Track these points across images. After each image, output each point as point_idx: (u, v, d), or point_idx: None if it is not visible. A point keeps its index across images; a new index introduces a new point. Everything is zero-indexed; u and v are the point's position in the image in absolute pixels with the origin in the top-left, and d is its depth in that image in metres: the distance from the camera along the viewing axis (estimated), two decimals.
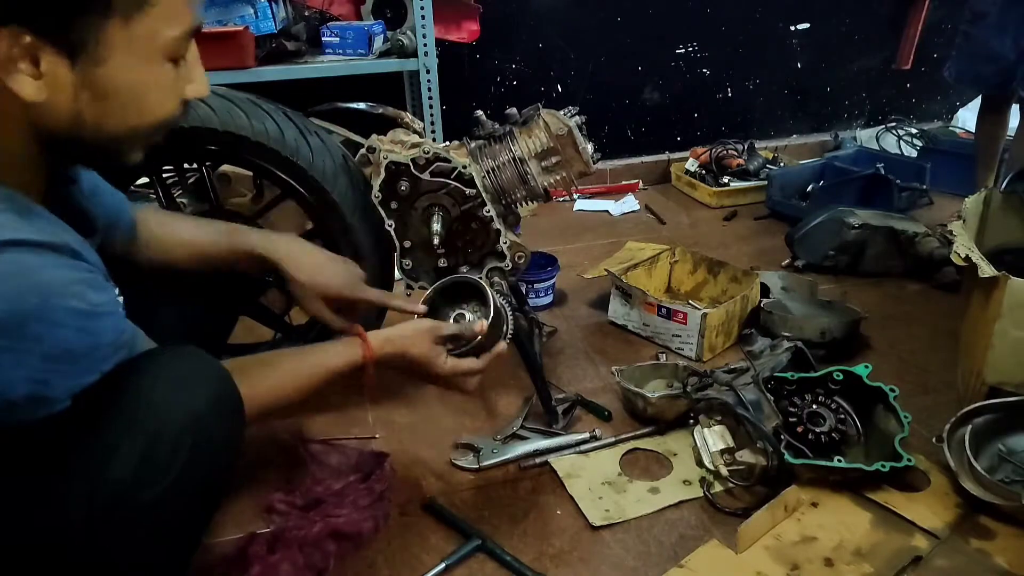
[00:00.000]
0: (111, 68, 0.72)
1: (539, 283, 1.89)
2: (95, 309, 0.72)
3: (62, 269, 0.70)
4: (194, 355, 0.80)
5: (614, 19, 2.68)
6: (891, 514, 1.20)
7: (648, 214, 2.62)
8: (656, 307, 1.71)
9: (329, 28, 2.09)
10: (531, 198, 1.39)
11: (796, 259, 2.14)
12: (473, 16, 2.35)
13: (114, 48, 0.71)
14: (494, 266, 1.38)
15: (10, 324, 0.65)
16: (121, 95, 0.74)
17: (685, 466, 1.33)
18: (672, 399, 1.40)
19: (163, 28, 0.74)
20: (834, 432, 1.28)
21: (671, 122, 2.93)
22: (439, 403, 1.54)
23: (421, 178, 1.31)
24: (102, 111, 0.74)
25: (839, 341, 1.65)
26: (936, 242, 1.99)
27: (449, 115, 2.30)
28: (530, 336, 1.68)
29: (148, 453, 0.73)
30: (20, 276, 0.66)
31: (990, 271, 1.26)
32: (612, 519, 1.21)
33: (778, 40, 2.93)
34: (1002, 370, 1.29)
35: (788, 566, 1.11)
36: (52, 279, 0.68)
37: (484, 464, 1.33)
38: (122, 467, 0.72)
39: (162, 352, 0.79)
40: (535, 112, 1.37)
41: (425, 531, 1.20)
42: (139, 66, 0.74)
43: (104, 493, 0.72)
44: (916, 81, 3.19)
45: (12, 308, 0.65)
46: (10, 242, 0.65)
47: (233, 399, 0.81)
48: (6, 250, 0.65)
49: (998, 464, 1.27)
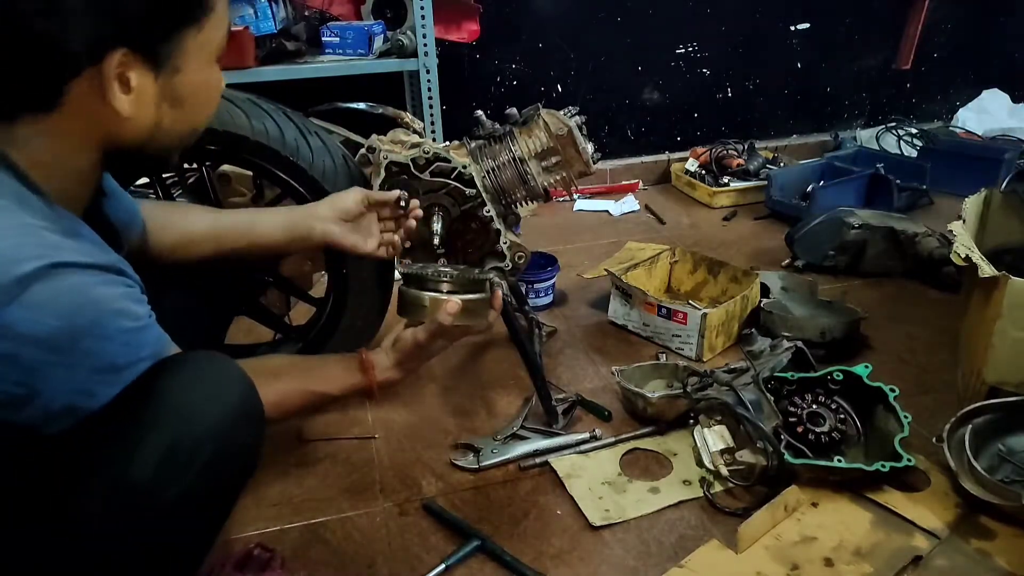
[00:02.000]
0: (186, 75, 0.77)
1: (539, 283, 1.89)
2: (138, 323, 0.75)
3: (110, 287, 0.73)
4: (218, 360, 0.81)
5: (614, 19, 2.68)
6: (891, 514, 1.20)
7: (648, 214, 2.62)
8: (656, 307, 1.71)
9: (329, 28, 2.09)
10: (531, 198, 1.39)
11: (796, 259, 2.13)
12: (473, 16, 2.35)
13: (189, 56, 0.76)
14: (494, 266, 1.38)
15: (64, 340, 0.67)
16: (192, 99, 0.80)
17: (685, 466, 1.33)
18: (672, 399, 1.40)
19: (219, 31, 0.79)
20: (834, 432, 1.28)
21: (671, 122, 2.93)
22: (439, 403, 1.54)
23: (421, 178, 1.31)
24: (177, 117, 0.79)
25: (839, 341, 1.65)
26: (936, 242, 1.99)
27: (449, 115, 2.30)
28: (530, 336, 1.68)
29: (169, 454, 0.73)
30: (74, 295, 0.68)
31: (990, 271, 1.26)
32: (612, 519, 1.21)
33: (778, 40, 2.93)
34: (1002, 370, 1.29)
35: (788, 566, 1.11)
36: (102, 297, 0.71)
37: (484, 464, 1.33)
38: (143, 467, 0.72)
39: (187, 357, 0.80)
40: (535, 112, 1.37)
41: (425, 531, 1.20)
42: (204, 69, 0.80)
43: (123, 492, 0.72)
44: (916, 81, 3.19)
45: (67, 325, 0.67)
46: (64, 264, 0.67)
47: (256, 406, 0.82)
48: (61, 270, 0.67)
49: (998, 464, 1.27)
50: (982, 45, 3.20)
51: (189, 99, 0.79)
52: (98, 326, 0.70)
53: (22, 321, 0.64)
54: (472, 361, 1.70)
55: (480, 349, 1.74)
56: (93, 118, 0.73)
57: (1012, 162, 2.56)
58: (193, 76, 0.78)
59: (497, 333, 1.78)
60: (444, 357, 1.69)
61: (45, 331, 0.66)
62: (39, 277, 0.65)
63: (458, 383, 1.61)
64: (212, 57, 0.81)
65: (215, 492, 0.81)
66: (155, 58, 0.73)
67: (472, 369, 1.66)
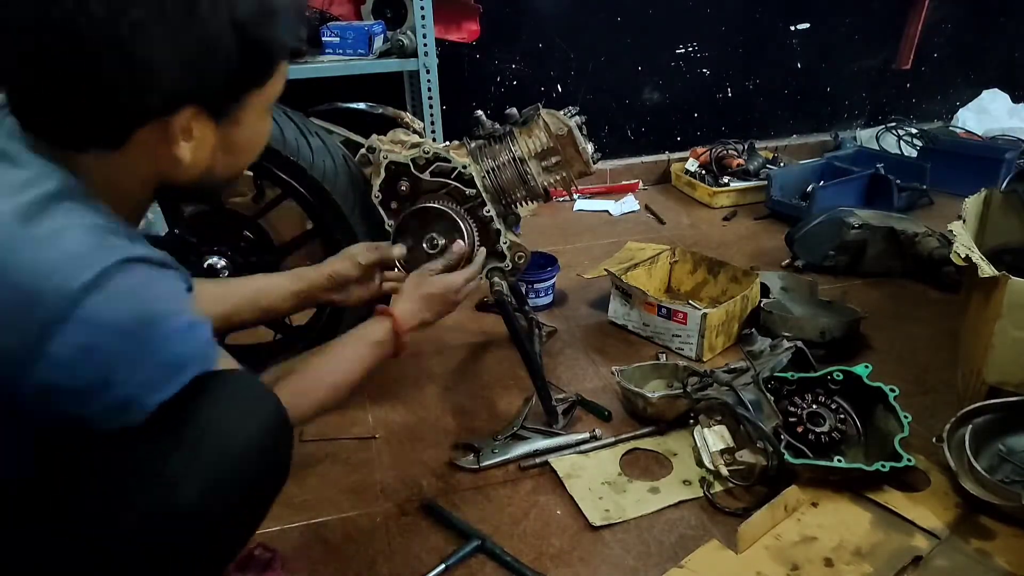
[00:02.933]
0: (244, 127, 0.82)
1: (539, 283, 1.89)
2: (197, 319, 0.77)
3: (174, 282, 0.76)
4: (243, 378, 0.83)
5: (614, 19, 2.68)
6: (891, 514, 1.20)
7: (648, 214, 2.62)
8: (656, 307, 1.71)
9: (329, 28, 2.09)
10: (531, 198, 1.39)
11: (796, 259, 2.13)
12: (473, 16, 2.35)
13: (250, 110, 0.81)
14: (494, 266, 1.38)
15: (139, 330, 0.69)
16: (245, 147, 0.85)
17: (685, 466, 1.33)
18: (672, 399, 1.40)
19: (278, 86, 0.84)
20: (834, 432, 1.28)
21: (671, 122, 2.93)
22: (439, 403, 1.54)
23: (421, 178, 1.31)
24: (229, 162, 0.84)
25: (839, 341, 1.65)
26: (936, 242, 1.99)
27: (449, 115, 2.30)
28: (530, 336, 1.68)
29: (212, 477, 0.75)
30: (145, 287, 0.71)
31: (990, 271, 1.26)
32: (612, 519, 1.21)
33: (778, 40, 2.93)
34: (1002, 370, 1.29)
35: (788, 566, 1.11)
36: (169, 291, 0.74)
37: (484, 464, 1.33)
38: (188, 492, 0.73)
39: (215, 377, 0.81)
40: (535, 112, 1.37)
41: (425, 531, 1.20)
42: (259, 120, 0.85)
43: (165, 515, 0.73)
44: (916, 81, 3.19)
45: (138, 316, 0.69)
46: (133, 258, 0.70)
47: (284, 419, 0.84)
48: (131, 264, 0.70)
49: (998, 464, 1.27)
50: (982, 45, 3.20)
51: (243, 147, 0.84)
52: (168, 318, 0.72)
53: (104, 311, 0.67)
54: (472, 361, 1.70)
55: (480, 349, 1.74)
56: (152, 158, 0.76)
57: (1012, 162, 2.56)
58: (249, 128, 0.83)
59: (497, 333, 1.78)
60: (444, 357, 1.70)
61: (124, 320, 0.68)
62: (118, 270, 0.68)
63: (458, 383, 1.61)
64: (268, 109, 0.85)
65: (252, 506, 0.84)
66: (220, 114, 0.78)
67: (472, 369, 1.67)
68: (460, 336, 1.80)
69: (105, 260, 0.67)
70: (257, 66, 0.78)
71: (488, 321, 1.85)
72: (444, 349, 1.74)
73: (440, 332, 1.78)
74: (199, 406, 0.76)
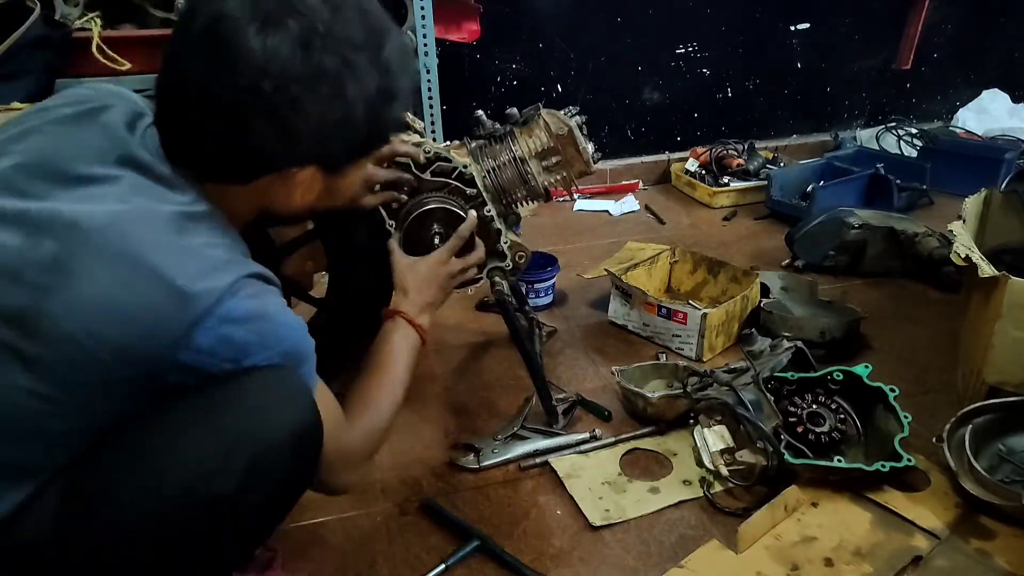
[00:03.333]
0: (347, 178, 0.96)
1: (539, 283, 1.89)
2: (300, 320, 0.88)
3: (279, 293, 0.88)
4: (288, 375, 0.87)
5: (614, 19, 2.68)
6: (891, 514, 1.20)
7: (648, 214, 2.62)
8: (656, 307, 1.71)
9: None
10: (531, 198, 1.39)
11: (796, 259, 2.13)
12: (473, 16, 2.35)
13: (356, 167, 0.96)
14: (494, 266, 1.38)
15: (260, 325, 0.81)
16: (345, 192, 1.02)
17: (685, 466, 1.33)
18: (672, 399, 1.40)
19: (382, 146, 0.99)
20: (834, 432, 1.28)
21: (671, 122, 2.93)
22: (439, 403, 1.54)
23: (422, 177, 1.31)
24: (327, 203, 0.98)
25: (839, 341, 1.65)
26: (936, 242, 1.99)
27: (449, 115, 2.30)
28: (530, 336, 1.68)
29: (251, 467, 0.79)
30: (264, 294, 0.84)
31: (990, 271, 1.26)
32: (612, 519, 1.21)
33: (778, 40, 2.93)
34: (1002, 370, 1.29)
35: (788, 566, 1.11)
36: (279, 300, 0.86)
37: (484, 464, 1.33)
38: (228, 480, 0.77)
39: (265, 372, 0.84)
40: (535, 112, 1.37)
41: (425, 531, 1.20)
42: (359, 170, 1.01)
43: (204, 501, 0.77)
44: (916, 81, 3.19)
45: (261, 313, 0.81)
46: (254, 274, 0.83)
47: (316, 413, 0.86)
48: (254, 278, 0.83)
49: (998, 464, 1.27)
50: (982, 45, 3.20)
51: (342, 192, 1.00)
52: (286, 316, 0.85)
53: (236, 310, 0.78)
54: (472, 361, 1.70)
55: (480, 349, 1.74)
56: (268, 195, 0.90)
57: (1012, 162, 2.56)
58: (351, 178, 0.99)
59: (497, 333, 1.78)
60: (444, 357, 1.70)
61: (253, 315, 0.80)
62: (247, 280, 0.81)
63: (458, 383, 1.61)
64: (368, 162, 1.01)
65: (284, 500, 0.88)
66: (335, 171, 0.91)
67: (472, 369, 1.67)
68: (460, 336, 1.80)
69: (239, 271, 0.80)
70: (377, 139, 0.93)
71: (488, 321, 1.85)
72: (444, 349, 1.74)
73: (440, 332, 1.79)
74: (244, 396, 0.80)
